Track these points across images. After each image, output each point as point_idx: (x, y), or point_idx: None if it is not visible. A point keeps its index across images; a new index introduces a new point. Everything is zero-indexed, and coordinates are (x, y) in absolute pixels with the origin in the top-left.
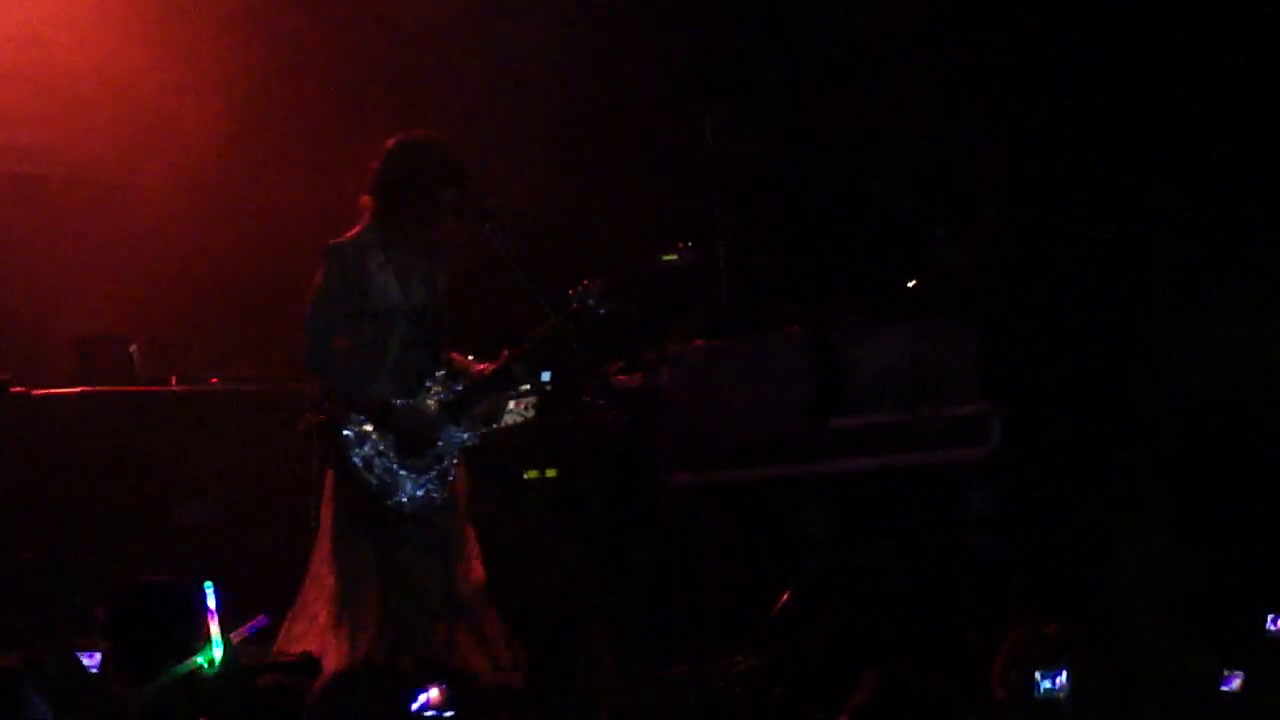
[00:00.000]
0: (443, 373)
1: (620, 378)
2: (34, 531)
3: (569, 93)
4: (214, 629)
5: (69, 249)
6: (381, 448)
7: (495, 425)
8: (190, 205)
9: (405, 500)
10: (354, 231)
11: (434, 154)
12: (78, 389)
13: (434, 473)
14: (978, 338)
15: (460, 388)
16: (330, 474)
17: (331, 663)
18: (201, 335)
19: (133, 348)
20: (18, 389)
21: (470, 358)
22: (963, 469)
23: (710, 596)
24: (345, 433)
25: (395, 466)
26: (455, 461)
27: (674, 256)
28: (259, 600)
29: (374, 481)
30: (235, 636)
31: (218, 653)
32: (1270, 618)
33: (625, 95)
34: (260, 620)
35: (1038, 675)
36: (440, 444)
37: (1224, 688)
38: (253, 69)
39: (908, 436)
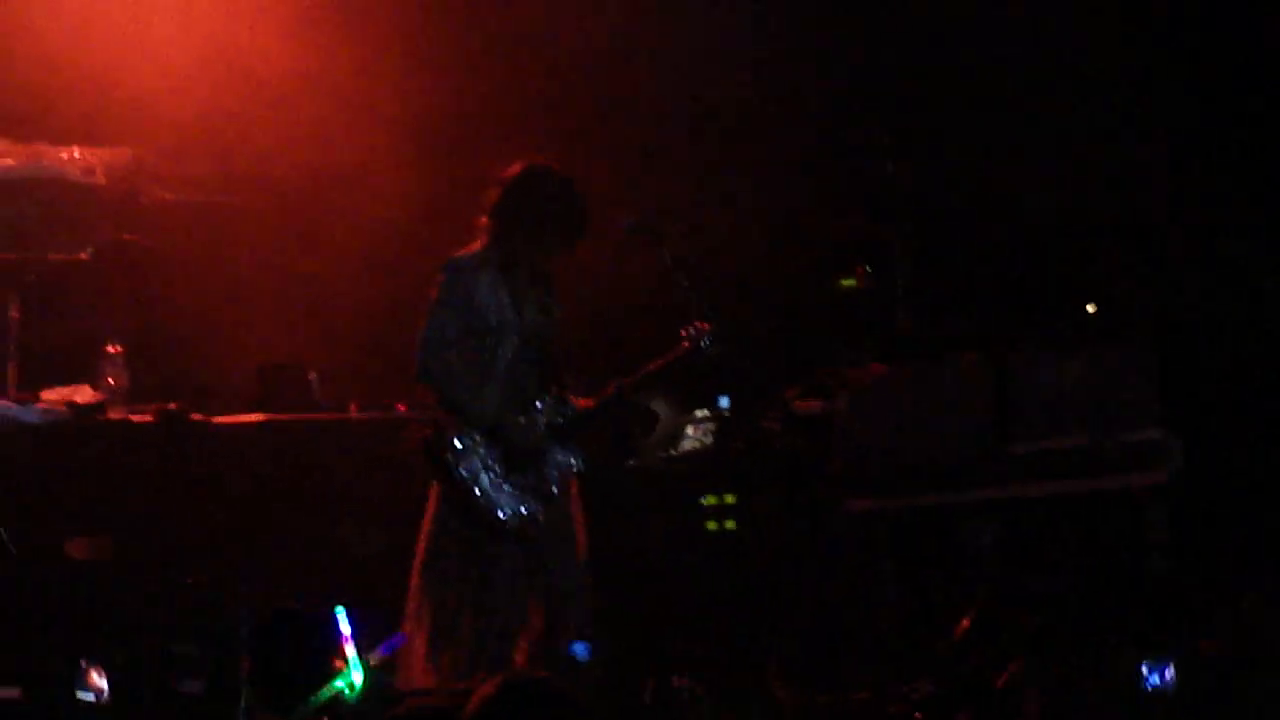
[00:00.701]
0: (552, 396)
1: (798, 403)
2: (212, 558)
3: (745, 118)
4: (350, 653)
5: (250, 277)
6: (489, 461)
7: (674, 451)
8: (372, 237)
9: (507, 516)
10: (472, 249)
11: (552, 182)
12: (257, 416)
13: (538, 492)
14: (1157, 362)
15: (569, 412)
16: (434, 489)
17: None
18: (382, 364)
19: (312, 375)
20: (196, 417)
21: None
22: (1142, 494)
23: (888, 622)
24: (455, 443)
25: (501, 481)
26: (563, 486)
27: (853, 281)
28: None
29: (478, 494)
30: (374, 657)
31: (357, 677)
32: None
33: (803, 120)
34: (397, 638)
35: (1144, 668)
36: (546, 464)
37: None
38: (440, 113)
39: (1086, 462)
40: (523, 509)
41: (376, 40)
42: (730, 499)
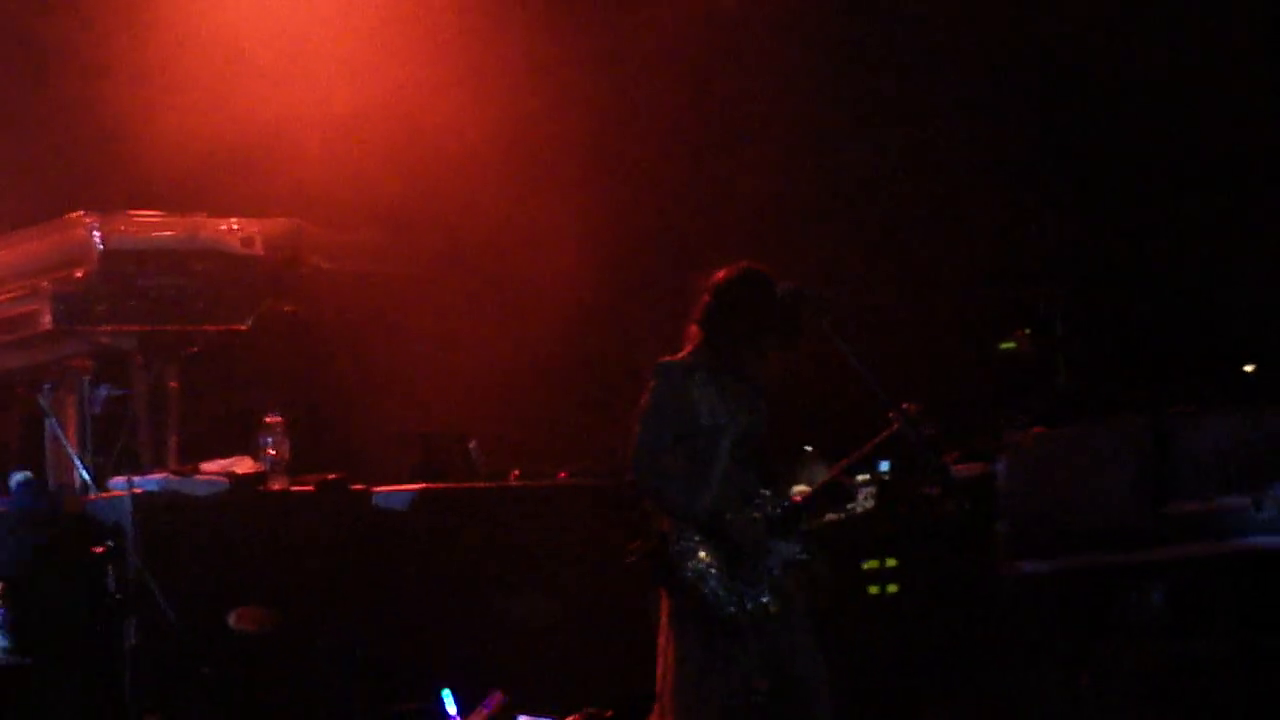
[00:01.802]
0: (769, 492)
1: (958, 467)
2: (375, 630)
3: (901, 181)
4: None
5: (409, 346)
6: (712, 561)
7: (839, 516)
8: (532, 306)
9: (738, 612)
10: (682, 354)
11: (761, 286)
12: (416, 485)
13: (766, 585)
14: None
15: (786, 504)
16: (665, 599)
17: None
18: (542, 433)
19: (472, 444)
20: (357, 486)
21: None
22: None
23: (1050, 685)
24: (677, 546)
25: (727, 579)
26: (790, 576)
27: (1012, 344)
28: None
29: (707, 594)
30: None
31: None
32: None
33: (964, 183)
34: (496, 698)
35: None
36: (770, 558)
37: None
38: (615, 187)
39: (1246, 522)
40: (752, 604)
41: (554, 100)
42: (892, 563)
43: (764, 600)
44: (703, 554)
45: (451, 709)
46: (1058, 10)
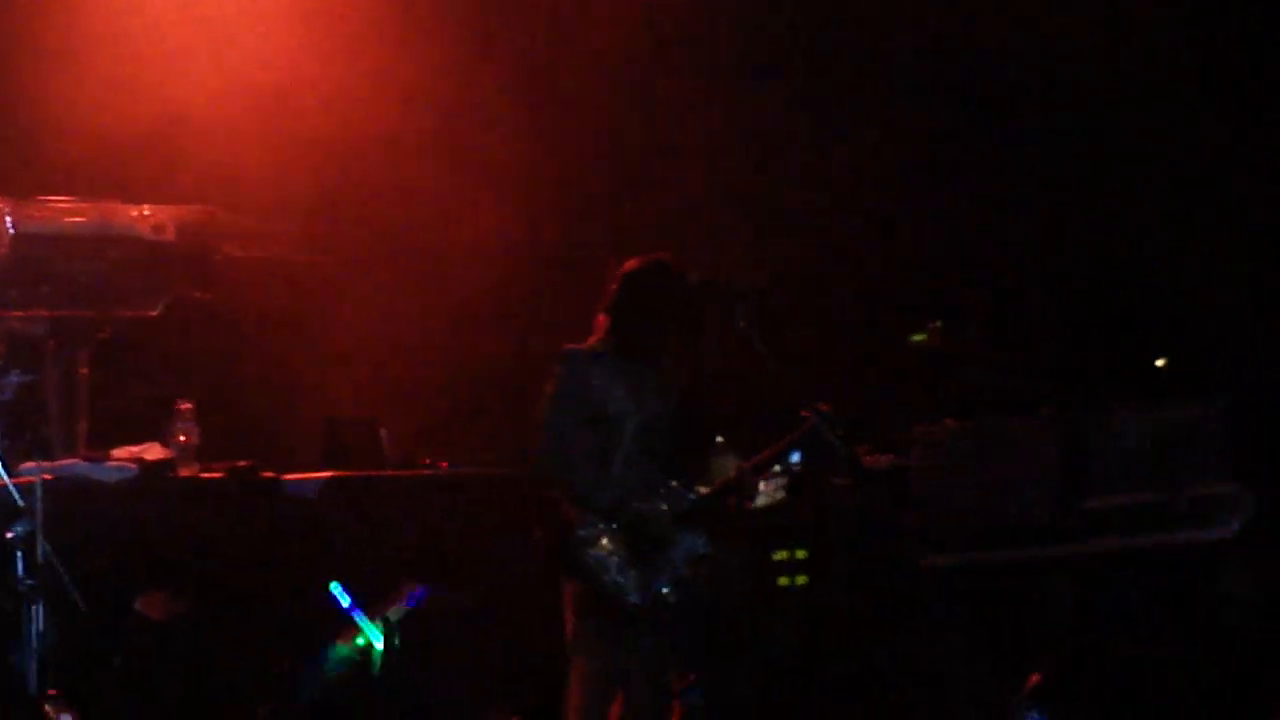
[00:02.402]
0: (674, 483)
1: (870, 459)
2: (282, 615)
3: (814, 174)
4: (360, 621)
5: (321, 334)
6: (614, 550)
7: (746, 505)
8: (443, 295)
9: (637, 601)
10: (589, 342)
11: (670, 278)
12: (326, 473)
13: (668, 577)
14: (1228, 417)
15: (692, 498)
16: (568, 584)
17: None
18: (453, 421)
19: (383, 431)
20: (267, 474)
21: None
22: (1215, 549)
23: (959, 678)
24: (580, 533)
25: (628, 569)
26: (693, 569)
27: (924, 336)
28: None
29: (608, 584)
30: (395, 611)
31: (375, 640)
32: None
33: (877, 178)
34: (417, 591)
35: None
36: (673, 550)
37: None
38: (520, 174)
39: (1158, 517)
40: (653, 595)
41: (462, 95)
42: (801, 554)
43: (664, 591)
44: (605, 543)
45: (344, 601)
46: (975, 9)
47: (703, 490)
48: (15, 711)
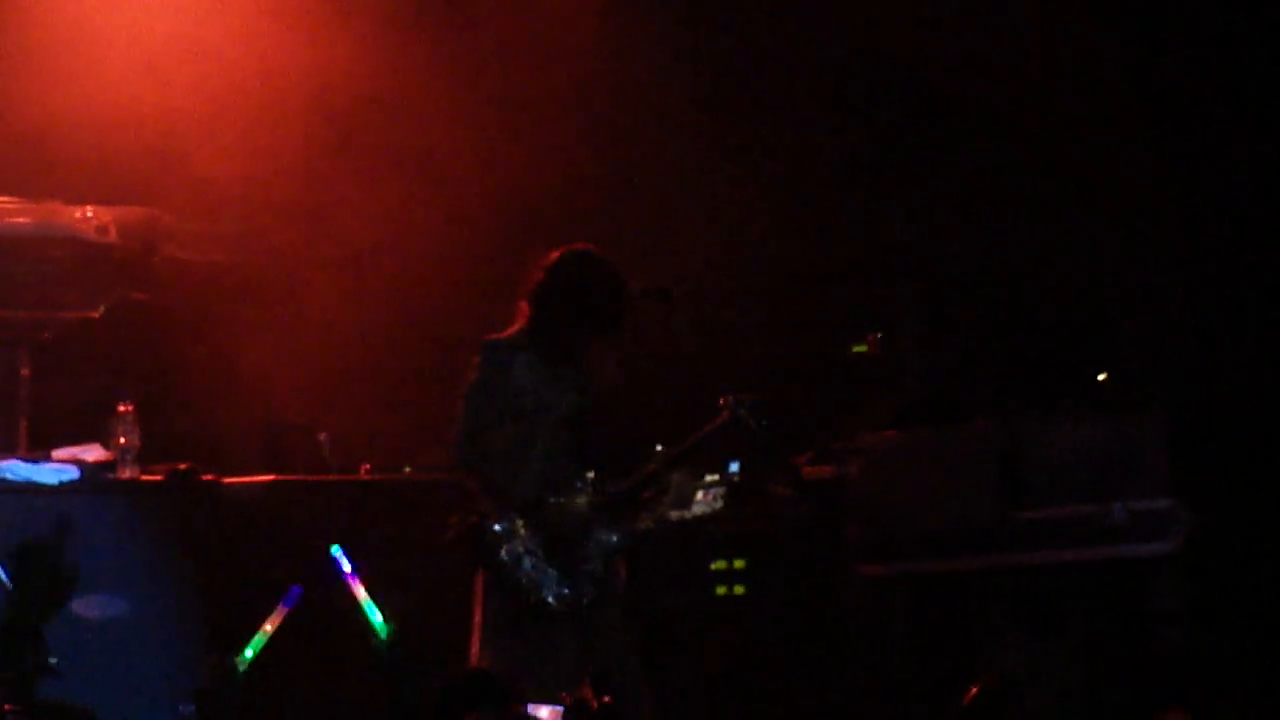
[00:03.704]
0: (592, 476)
1: (809, 469)
2: (222, 621)
3: (756, 181)
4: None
5: (263, 338)
6: (530, 545)
7: (684, 516)
8: (385, 300)
9: (551, 599)
10: (509, 332)
11: (594, 268)
12: (267, 477)
13: (582, 572)
14: (1167, 431)
15: (610, 491)
16: (480, 575)
17: None
18: (392, 426)
19: (322, 436)
20: (207, 476)
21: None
22: (1151, 563)
23: (897, 688)
24: (495, 528)
25: (543, 564)
26: (607, 563)
27: (864, 348)
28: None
29: (521, 578)
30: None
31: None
32: None
33: (814, 185)
34: (293, 591)
35: None
36: (589, 545)
37: None
38: (472, 176)
39: (1095, 530)
40: (567, 590)
41: (400, 101)
42: (740, 564)
43: (580, 588)
44: (521, 537)
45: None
46: (908, 13)
47: (619, 485)
48: None
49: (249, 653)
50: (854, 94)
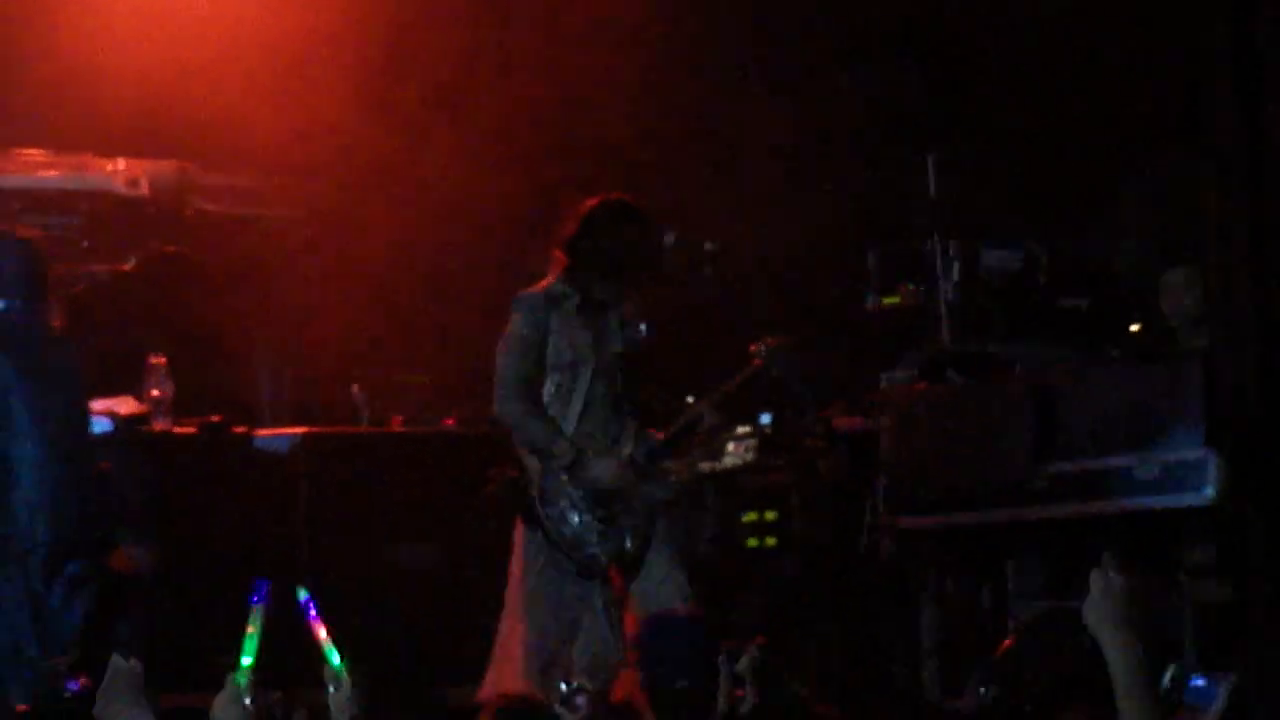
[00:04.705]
0: (635, 427)
1: (841, 420)
2: (252, 572)
3: (788, 134)
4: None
5: (296, 290)
6: (575, 499)
7: (715, 468)
8: (420, 252)
9: (597, 553)
10: (543, 284)
11: (629, 218)
12: (300, 429)
13: (628, 526)
14: (1200, 382)
15: (651, 443)
16: (520, 526)
17: None
18: (429, 377)
19: (356, 389)
20: (239, 429)
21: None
22: (1185, 516)
23: (930, 641)
24: (541, 483)
25: (587, 517)
26: (649, 515)
27: (896, 299)
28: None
29: (567, 533)
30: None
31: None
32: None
33: (846, 137)
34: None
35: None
36: (633, 497)
37: None
38: (496, 130)
39: (1128, 482)
40: (611, 543)
41: (434, 51)
42: (771, 516)
43: (625, 541)
44: (566, 493)
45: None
46: None
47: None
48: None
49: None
50: (887, 48)
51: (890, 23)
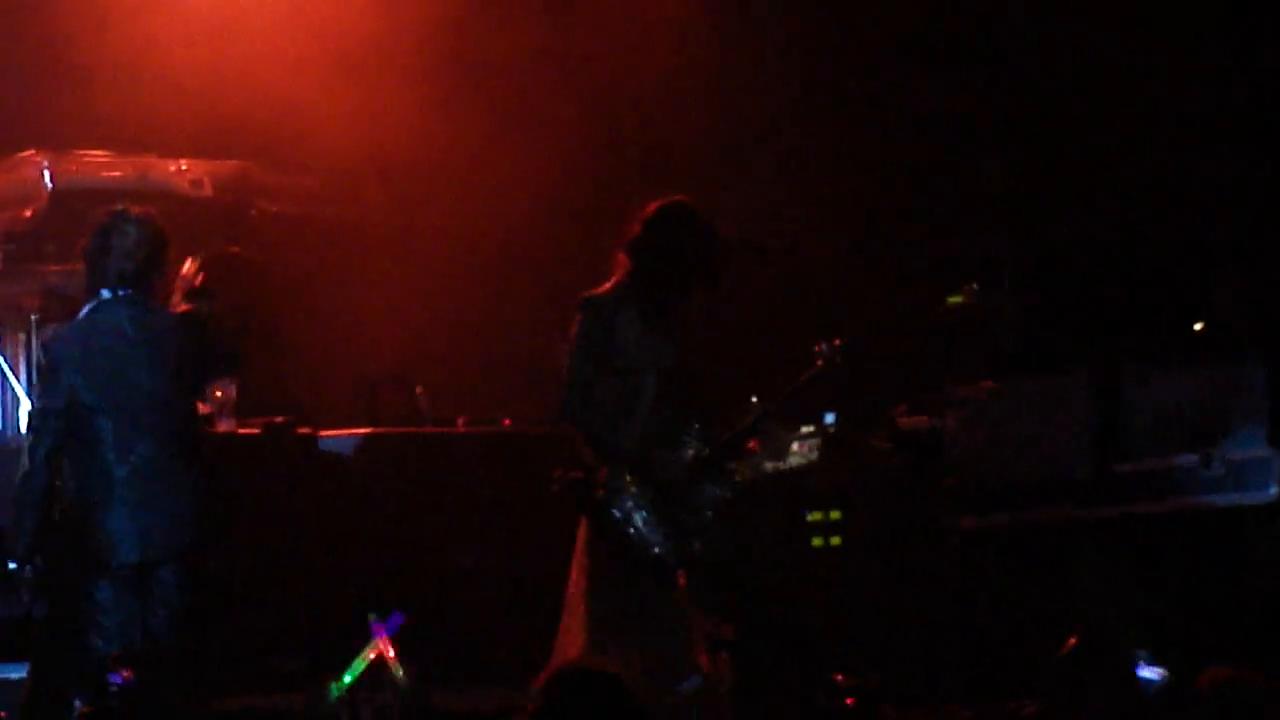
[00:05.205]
0: (698, 428)
1: (905, 420)
2: (317, 573)
3: (853, 134)
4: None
5: (358, 290)
6: (640, 499)
7: (779, 467)
8: (482, 253)
9: (663, 553)
10: (608, 286)
11: (692, 221)
12: (363, 430)
13: (693, 524)
14: (1264, 380)
15: (715, 443)
16: (584, 525)
17: None
18: (488, 379)
19: (418, 389)
20: (303, 430)
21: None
22: (1248, 514)
23: (993, 640)
24: (606, 484)
25: (652, 518)
26: (714, 515)
27: (960, 298)
28: (536, 645)
29: (632, 533)
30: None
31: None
32: None
33: (912, 138)
34: (396, 617)
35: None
36: (696, 497)
37: None
38: (557, 133)
39: (1192, 481)
40: (677, 543)
41: (500, 54)
42: (836, 515)
43: (689, 540)
44: (632, 493)
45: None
46: None
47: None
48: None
49: (347, 678)
50: (950, 46)
51: (956, 18)
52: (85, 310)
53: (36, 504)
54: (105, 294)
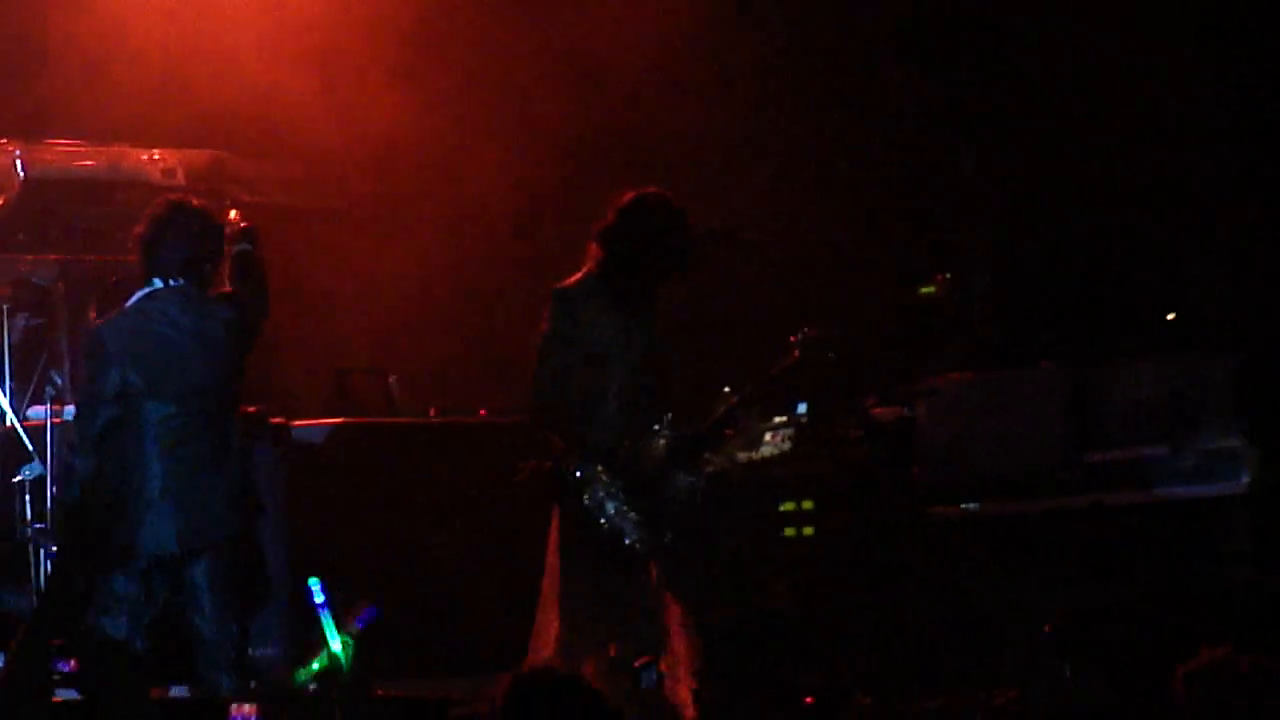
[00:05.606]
0: (670, 418)
1: (876, 410)
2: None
3: (825, 125)
4: (324, 622)
5: (330, 280)
6: (611, 490)
7: (752, 457)
8: (453, 242)
9: (635, 542)
10: (578, 276)
11: (666, 211)
12: (336, 420)
13: (664, 515)
14: (1235, 372)
15: (687, 433)
16: (556, 515)
17: None
18: (460, 369)
19: (392, 379)
20: (276, 420)
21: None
22: (1219, 504)
23: (966, 629)
24: (576, 473)
25: (624, 508)
26: (686, 505)
27: (932, 289)
28: (510, 636)
29: (604, 523)
30: (351, 631)
31: (337, 645)
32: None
33: (883, 128)
34: (370, 611)
35: None
36: (668, 487)
37: None
38: (536, 124)
39: (1163, 471)
40: (649, 533)
41: (477, 43)
42: (808, 505)
43: (661, 530)
44: (603, 483)
45: (319, 598)
46: None
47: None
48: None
49: (315, 666)
50: (924, 37)
51: (930, 9)
52: (136, 298)
53: (74, 487)
54: (158, 283)
